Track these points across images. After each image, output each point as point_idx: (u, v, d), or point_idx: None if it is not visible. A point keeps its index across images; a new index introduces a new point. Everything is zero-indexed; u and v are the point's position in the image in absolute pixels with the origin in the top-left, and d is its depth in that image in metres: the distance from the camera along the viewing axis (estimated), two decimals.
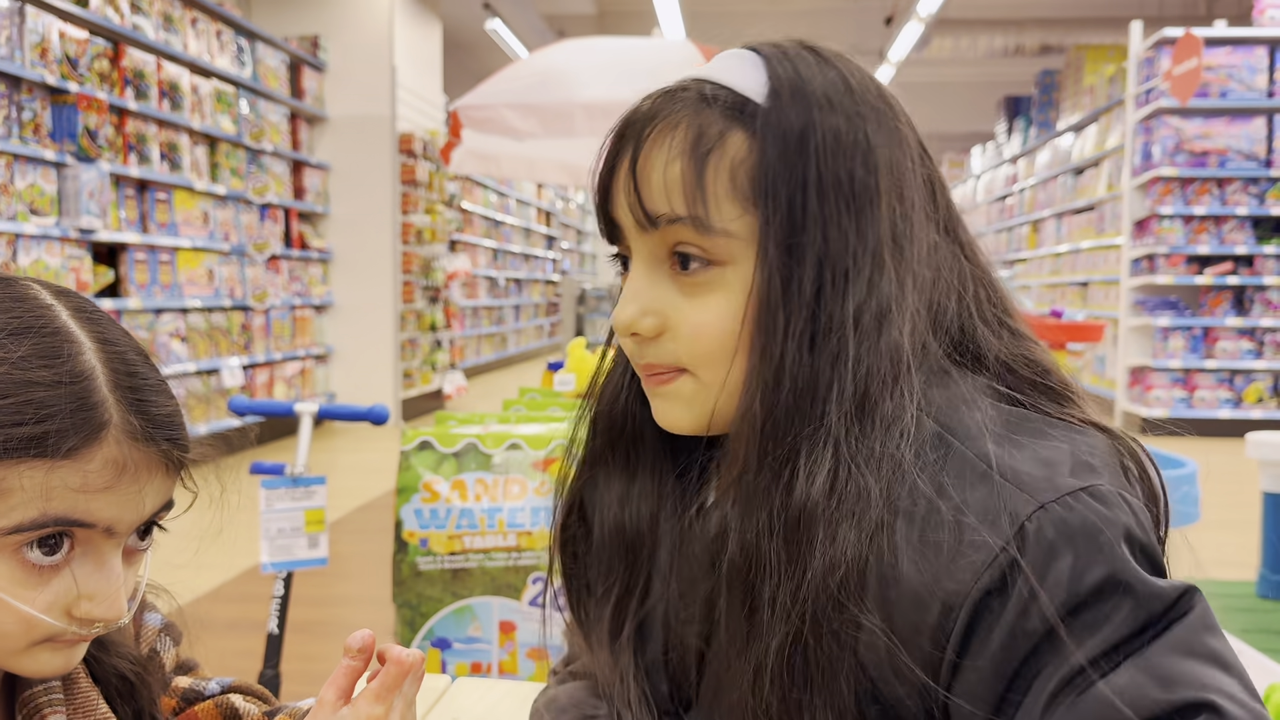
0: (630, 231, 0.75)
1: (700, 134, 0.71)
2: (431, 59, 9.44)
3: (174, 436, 0.69)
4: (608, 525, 0.84)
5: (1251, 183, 7.56)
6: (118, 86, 5.60)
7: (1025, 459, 0.66)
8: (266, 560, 2.27)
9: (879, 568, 0.65)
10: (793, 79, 0.72)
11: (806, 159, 0.70)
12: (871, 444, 0.67)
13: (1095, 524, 0.62)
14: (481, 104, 3.64)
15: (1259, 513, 3.85)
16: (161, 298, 5.94)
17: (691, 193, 0.70)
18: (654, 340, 0.74)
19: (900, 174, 0.73)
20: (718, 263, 0.71)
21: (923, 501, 0.66)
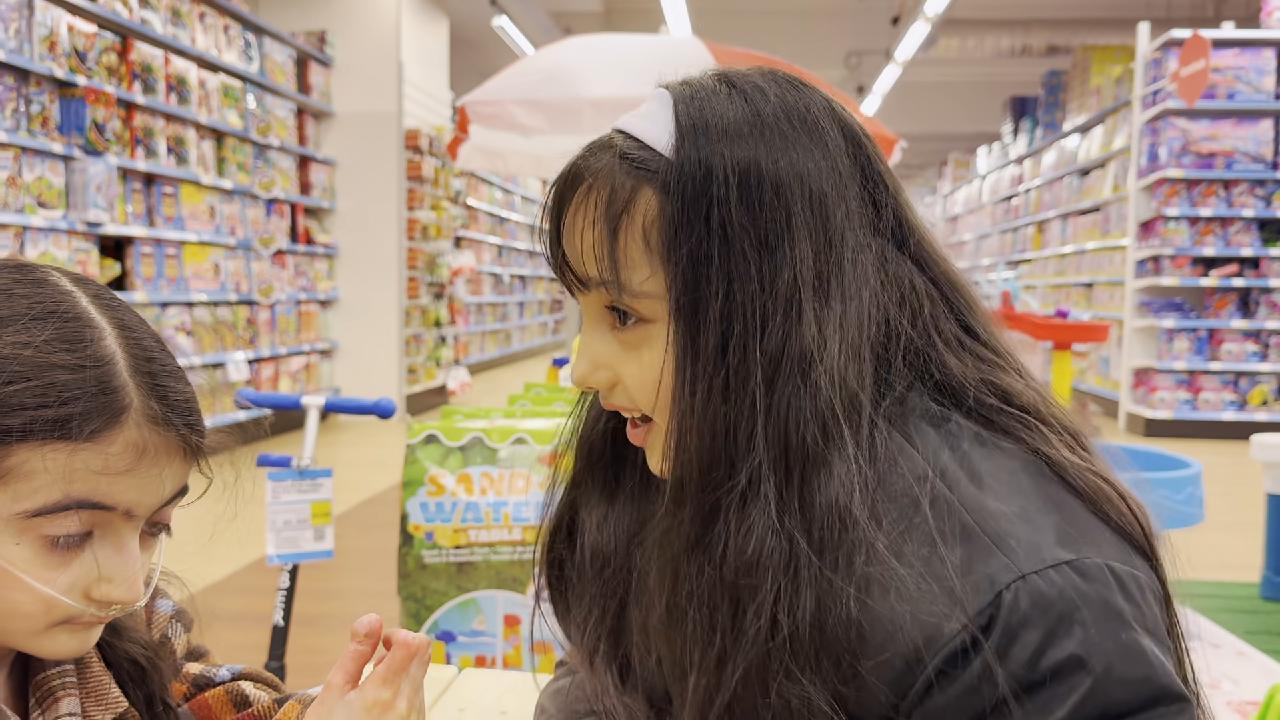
0: (576, 289, 0.76)
1: (612, 196, 0.70)
2: (438, 55, 9.45)
3: (192, 422, 0.70)
4: (587, 548, 0.85)
5: (1258, 185, 7.55)
6: (126, 80, 5.61)
7: (1012, 518, 0.63)
8: (272, 552, 2.28)
9: (834, 622, 0.63)
10: (696, 120, 0.69)
11: (709, 207, 0.67)
12: (807, 499, 0.65)
13: (1072, 600, 0.59)
14: (489, 100, 3.65)
15: (1263, 515, 3.85)
16: (167, 291, 5.95)
17: (606, 258, 0.71)
18: (613, 390, 0.76)
19: (823, 201, 0.68)
20: (646, 319, 0.72)
21: (885, 553, 0.63)
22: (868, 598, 0.63)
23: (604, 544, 0.84)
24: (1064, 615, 0.59)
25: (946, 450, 0.67)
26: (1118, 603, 0.60)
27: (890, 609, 0.62)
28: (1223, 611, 3.56)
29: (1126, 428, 7.98)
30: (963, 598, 0.60)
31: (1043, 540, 0.62)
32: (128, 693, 0.77)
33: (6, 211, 4.65)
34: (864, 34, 12.95)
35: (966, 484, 0.65)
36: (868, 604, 0.63)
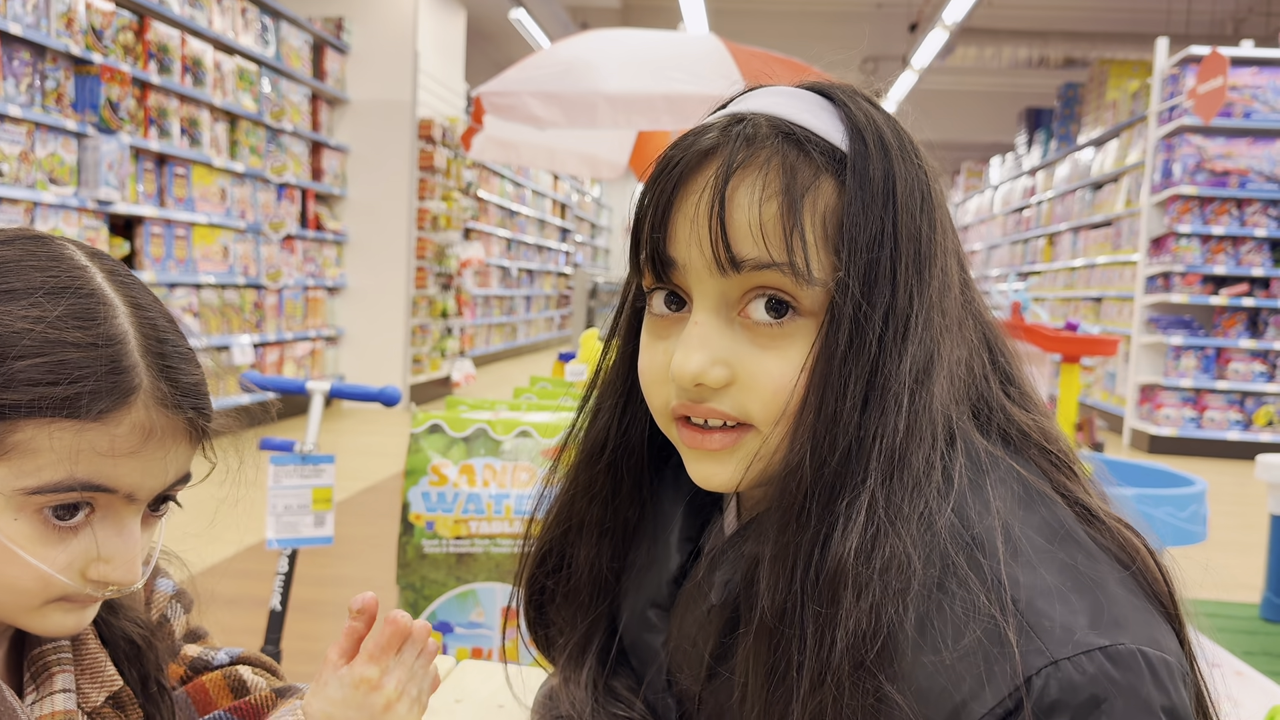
0: (698, 273, 0.70)
1: (794, 174, 0.67)
2: (454, 46, 9.44)
3: (200, 405, 0.69)
4: (581, 576, 0.85)
5: (1271, 205, 7.52)
6: (141, 59, 5.61)
7: (1048, 596, 0.62)
8: (272, 536, 2.27)
9: (899, 639, 0.63)
10: (873, 128, 0.70)
11: (888, 212, 0.68)
12: (902, 503, 0.65)
13: (1104, 692, 0.59)
14: (505, 91, 3.63)
15: (1264, 536, 3.83)
16: (176, 272, 5.95)
17: (790, 236, 0.67)
18: (719, 391, 0.70)
19: (946, 228, 0.72)
20: (805, 313, 0.68)
21: (939, 591, 0.63)
22: (921, 641, 0.62)
23: (598, 572, 0.84)
24: (1092, 705, 0.58)
25: (993, 503, 0.67)
26: (1148, 692, 0.59)
27: (931, 663, 0.62)
28: (1222, 631, 3.55)
29: (1130, 443, 7.96)
30: (993, 678, 0.59)
31: (1076, 623, 0.61)
32: (123, 671, 0.76)
33: (18, 187, 4.65)
34: (881, 40, 12.92)
35: (1006, 554, 0.64)
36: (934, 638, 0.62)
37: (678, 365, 0.69)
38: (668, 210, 0.70)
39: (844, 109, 0.71)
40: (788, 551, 0.66)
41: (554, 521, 0.87)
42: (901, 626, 0.62)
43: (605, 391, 0.84)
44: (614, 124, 3.59)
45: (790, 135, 0.69)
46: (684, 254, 0.70)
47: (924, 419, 0.67)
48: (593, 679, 0.84)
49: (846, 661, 0.62)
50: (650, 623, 0.82)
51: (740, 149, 0.68)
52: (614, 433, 0.82)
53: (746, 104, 0.73)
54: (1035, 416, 0.75)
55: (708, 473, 0.72)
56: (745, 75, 3.58)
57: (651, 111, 3.52)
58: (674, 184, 0.70)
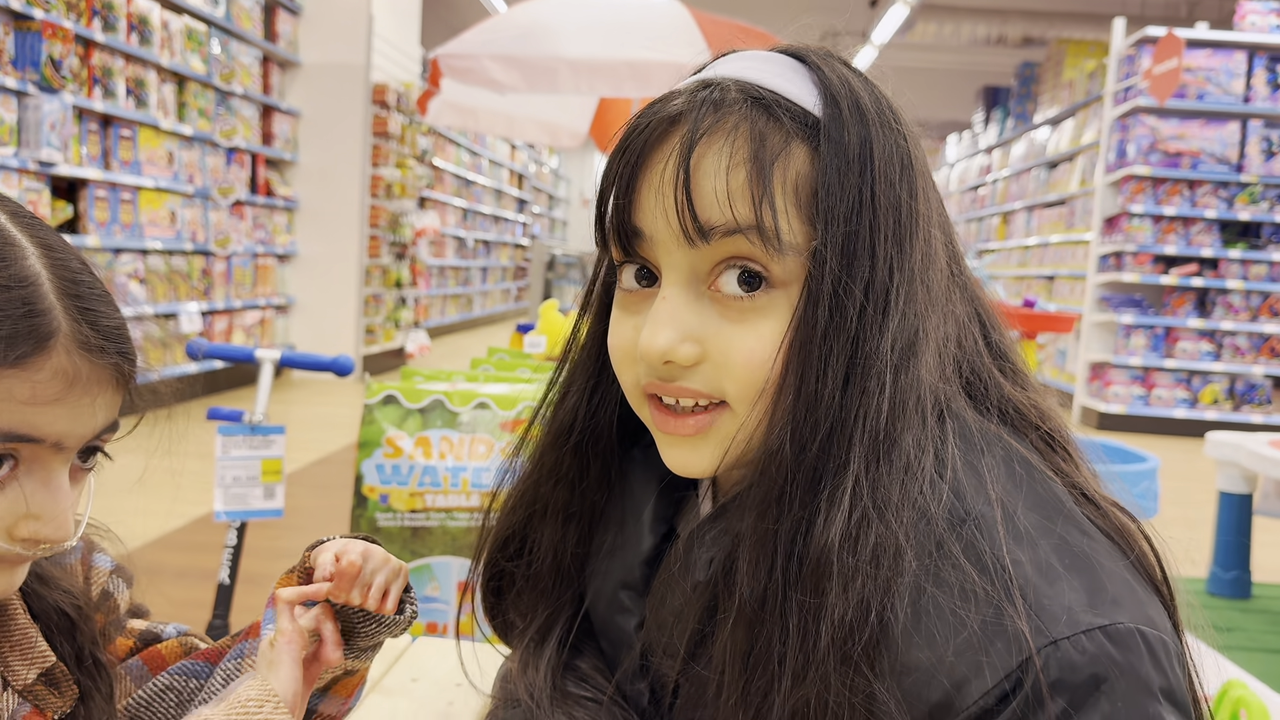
0: (665, 245, 0.67)
1: (762, 140, 0.65)
2: (409, 9, 9.26)
3: (124, 349, 0.64)
4: (544, 561, 0.83)
5: (1222, 186, 7.63)
6: (85, 16, 5.42)
7: (1048, 575, 0.60)
8: (220, 509, 2.21)
9: (891, 630, 0.60)
10: (848, 93, 0.67)
11: (864, 179, 0.65)
12: (890, 488, 0.62)
13: (1104, 671, 0.57)
14: (463, 53, 3.55)
15: (1210, 512, 3.90)
16: (121, 237, 5.79)
17: (759, 201, 0.64)
18: (690, 369, 0.67)
19: (928, 198, 0.69)
20: (778, 284, 0.65)
21: (934, 574, 0.61)
22: (915, 630, 0.60)
23: (564, 557, 0.82)
24: (1092, 685, 0.57)
25: (989, 482, 0.64)
26: (1146, 672, 0.58)
27: (926, 651, 0.60)
28: None
29: (1080, 420, 8.08)
30: (991, 659, 0.58)
31: (1075, 602, 0.59)
32: (55, 646, 0.72)
33: None
34: (842, 11, 12.88)
35: (1004, 535, 0.62)
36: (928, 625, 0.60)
37: (645, 342, 0.66)
38: (633, 180, 0.67)
39: (818, 72, 0.68)
40: (769, 538, 0.63)
41: (516, 505, 0.85)
42: (894, 618, 0.60)
43: (575, 371, 0.81)
44: (575, 89, 3.52)
45: (759, 100, 0.66)
46: (650, 225, 0.67)
47: (910, 398, 0.64)
48: (552, 667, 0.82)
49: (832, 655, 0.59)
50: (622, 605, 0.80)
51: (706, 115, 0.65)
52: (582, 414, 0.80)
53: (717, 69, 0.70)
54: (1030, 394, 0.73)
55: (682, 459, 0.70)
56: (710, 43, 3.53)
57: (614, 78, 3.46)
58: (639, 153, 0.67)
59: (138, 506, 0.83)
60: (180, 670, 0.80)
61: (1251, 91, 7.53)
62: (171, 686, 0.80)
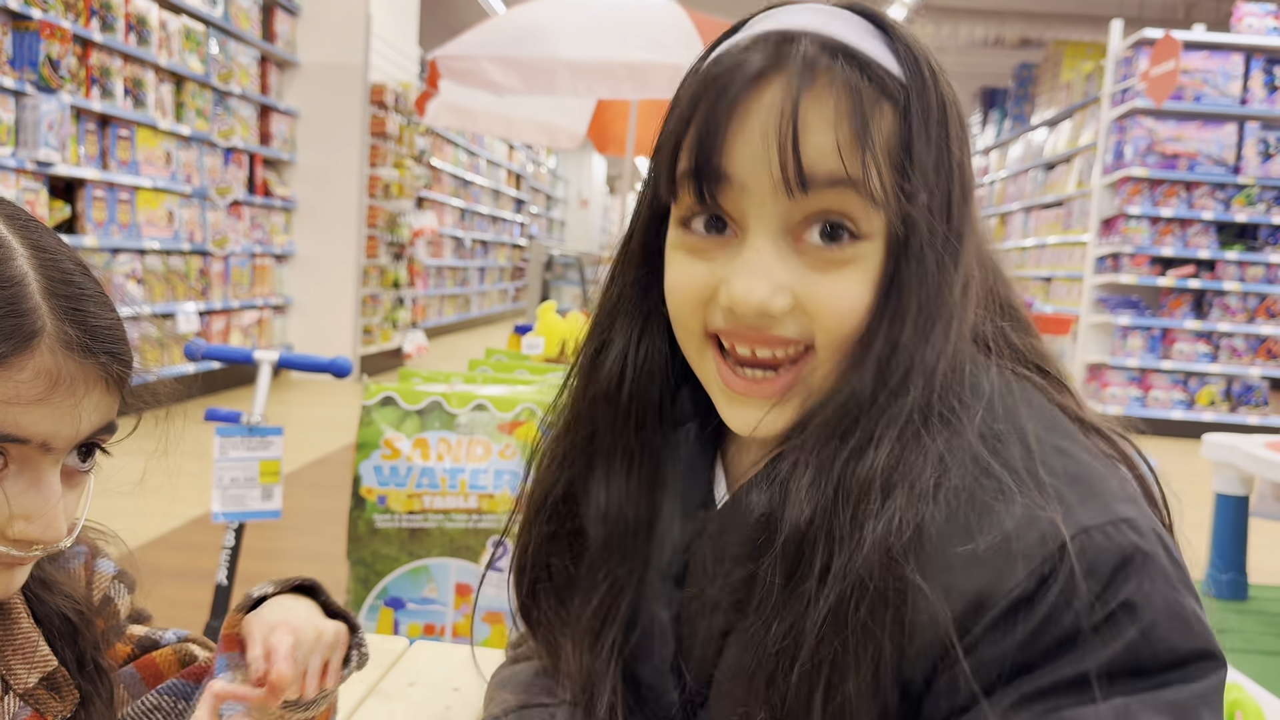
0: (760, 196, 0.67)
1: (860, 97, 0.67)
2: (408, 9, 9.25)
3: (114, 350, 0.64)
4: (606, 518, 0.78)
5: (1219, 188, 7.64)
6: (83, 16, 5.42)
7: (1073, 476, 0.65)
8: (218, 510, 2.21)
9: (929, 530, 0.64)
10: (923, 56, 0.70)
11: (943, 140, 0.69)
12: (938, 413, 0.67)
13: (1130, 554, 0.62)
14: (462, 55, 3.55)
15: (1206, 513, 3.91)
16: (119, 237, 5.79)
17: (863, 158, 0.66)
18: (779, 317, 0.69)
19: (972, 161, 0.74)
20: (864, 237, 0.68)
21: (971, 483, 0.65)
22: (953, 529, 0.64)
23: (628, 514, 0.78)
24: (1121, 567, 0.61)
25: (1019, 405, 0.70)
26: (1165, 563, 0.63)
27: (963, 547, 0.63)
28: None
29: None
30: (1027, 549, 0.62)
31: (1100, 499, 0.64)
32: (58, 650, 0.72)
33: None
34: None
35: (1035, 443, 0.67)
36: (962, 530, 0.64)
37: (742, 293, 0.67)
38: (724, 127, 0.67)
39: (893, 34, 0.70)
40: (825, 466, 0.66)
41: (568, 459, 0.81)
42: (933, 519, 0.64)
43: (615, 321, 0.79)
44: (574, 91, 3.52)
45: (851, 57, 0.67)
46: (745, 172, 0.67)
47: (964, 339, 0.70)
48: (618, 651, 0.77)
49: (875, 554, 0.63)
50: (661, 597, 0.77)
51: (804, 69, 0.66)
52: (632, 360, 0.78)
53: (786, 21, 0.70)
54: (1033, 340, 0.78)
55: (751, 419, 0.71)
56: (707, 44, 3.54)
57: (612, 80, 3.46)
58: (731, 101, 0.67)
59: (135, 507, 0.82)
60: (169, 690, 0.79)
61: (1248, 93, 7.54)
62: (159, 706, 0.80)
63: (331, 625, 0.77)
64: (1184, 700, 0.60)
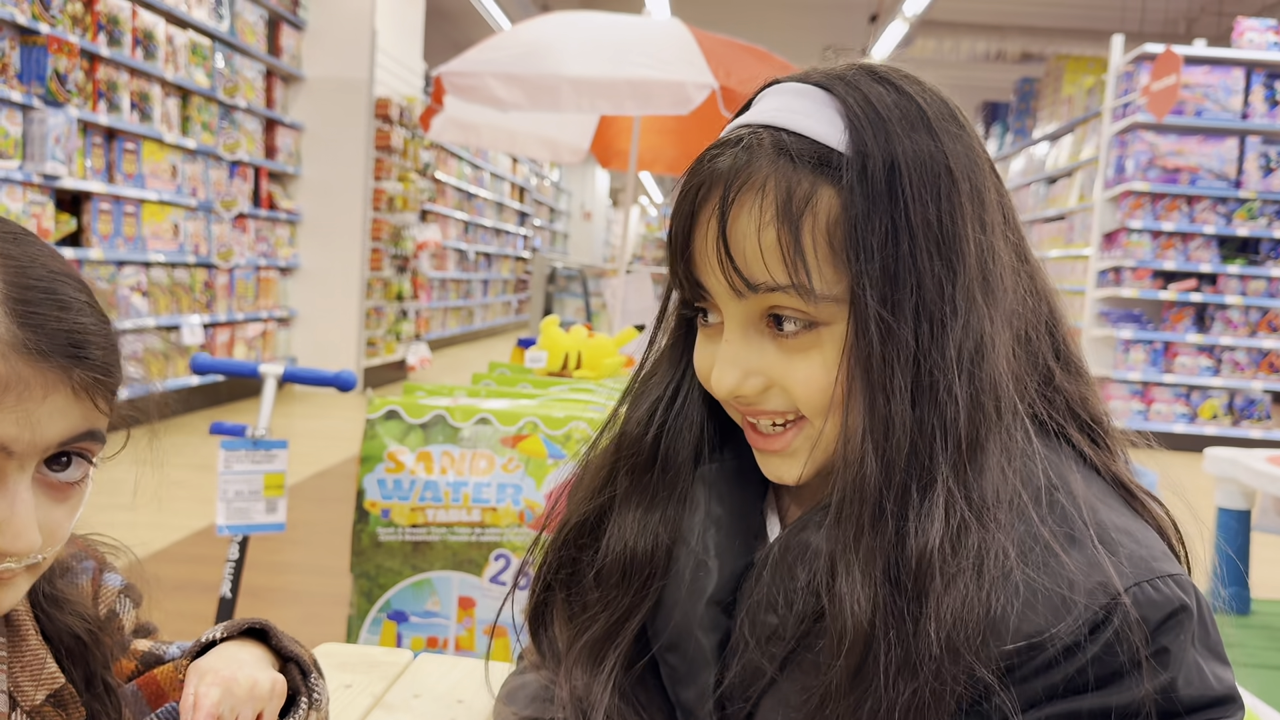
0: (721, 296, 0.72)
1: (789, 195, 0.68)
2: (413, 25, 9.31)
3: (77, 354, 0.63)
4: (623, 547, 0.81)
5: (1220, 202, 7.66)
6: (90, 31, 5.46)
7: (1124, 533, 0.69)
8: (222, 522, 2.23)
9: (996, 614, 0.65)
10: (870, 115, 0.69)
11: (895, 204, 0.67)
12: (984, 488, 0.67)
13: (1176, 610, 0.65)
14: (466, 71, 3.58)
15: (1210, 528, 3.90)
16: (124, 250, 5.82)
17: (792, 261, 0.68)
18: (762, 394, 0.73)
19: (981, 198, 0.71)
20: (820, 323, 0.70)
21: (1031, 546, 0.67)
22: (1004, 590, 0.66)
23: (642, 547, 0.81)
24: (1168, 619, 0.65)
25: (1067, 467, 0.71)
26: (1205, 616, 0.67)
27: (1019, 604, 0.65)
28: None
29: None
30: (1080, 598, 0.65)
31: (1149, 554, 0.67)
32: (66, 668, 0.72)
33: None
34: (842, 29, 12.96)
35: (1084, 505, 0.69)
36: (1017, 586, 0.66)
37: (715, 383, 0.74)
38: (689, 238, 0.73)
39: (842, 101, 0.70)
40: (870, 554, 0.67)
41: (594, 491, 0.85)
42: (1004, 610, 0.65)
43: (654, 378, 0.85)
44: (577, 108, 3.55)
45: (784, 150, 0.69)
46: (705, 279, 0.73)
47: (988, 399, 0.68)
48: (616, 677, 0.80)
49: (944, 650, 0.64)
50: (707, 621, 0.78)
51: (739, 172, 0.69)
52: (662, 410, 0.83)
53: (756, 109, 0.75)
54: (1083, 388, 0.77)
55: (776, 470, 0.76)
56: (710, 62, 3.56)
57: (615, 96, 3.49)
58: (691, 212, 0.72)
59: (141, 520, 0.83)
60: (166, 714, 0.79)
61: (1249, 108, 7.57)
62: None
63: (269, 677, 0.77)
64: None
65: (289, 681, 0.80)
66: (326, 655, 1.18)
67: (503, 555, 2.13)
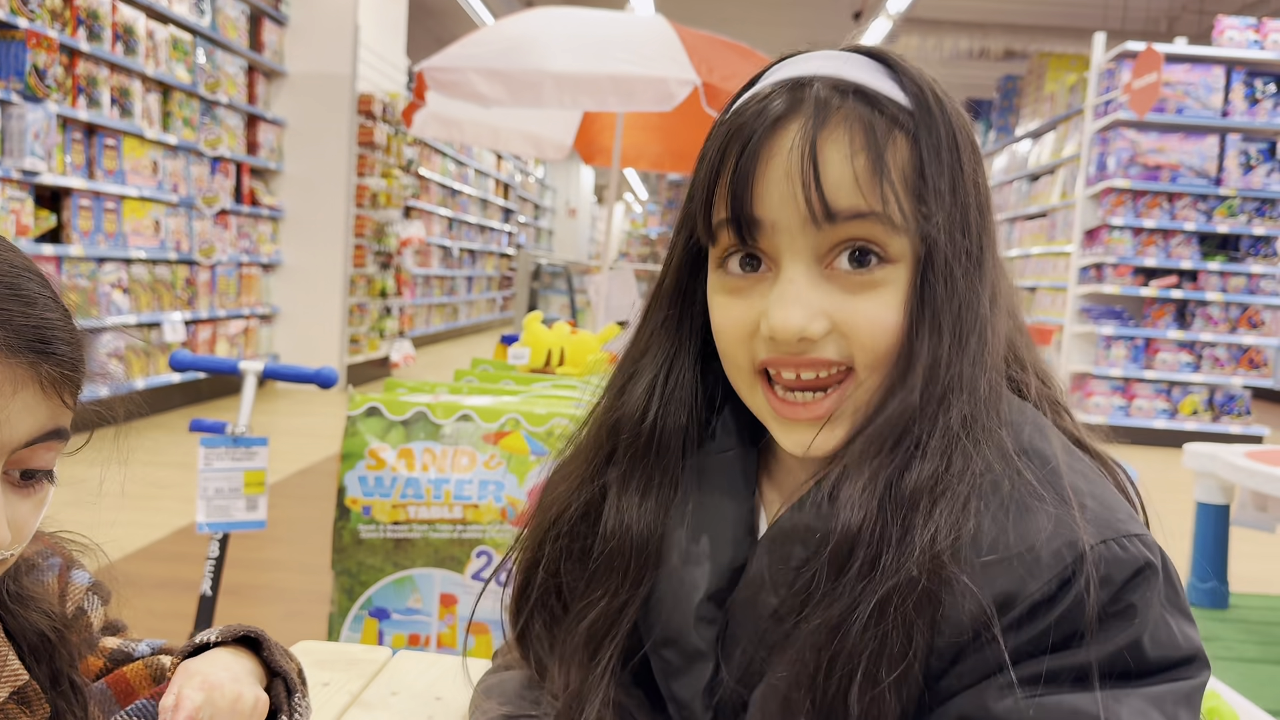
0: (789, 231, 0.72)
1: (874, 131, 0.71)
2: (396, 20, 9.27)
3: (43, 349, 0.63)
4: (625, 530, 0.80)
5: (1200, 199, 7.71)
6: (70, 26, 5.42)
7: (1091, 494, 0.70)
8: (202, 520, 2.22)
9: (972, 535, 0.68)
10: (928, 86, 0.74)
11: (955, 162, 0.73)
12: (976, 425, 0.70)
13: (1142, 567, 0.67)
14: (449, 67, 3.56)
15: (1188, 522, 3.94)
16: (105, 246, 5.78)
17: (881, 187, 0.70)
18: (818, 341, 0.72)
19: (989, 183, 0.78)
20: (891, 260, 0.72)
21: (1008, 496, 0.69)
22: (991, 535, 0.68)
23: (638, 532, 0.80)
24: (1133, 577, 0.67)
25: (1039, 420, 0.75)
26: (1162, 580, 0.68)
27: (998, 551, 0.68)
28: None
29: None
30: (1055, 554, 0.66)
31: (1115, 516, 0.69)
32: (30, 666, 0.72)
33: None
34: (826, 26, 12.98)
35: (1058, 458, 0.71)
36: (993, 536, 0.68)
37: (780, 321, 0.71)
38: (751, 173, 0.72)
39: (897, 69, 0.75)
40: (875, 475, 0.70)
41: (586, 479, 0.83)
42: (974, 527, 0.68)
43: (647, 356, 0.83)
44: (559, 104, 3.54)
45: (861, 93, 0.72)
46: (773, 213, 0.72)
47: (996, 350, 0.73)
48: (613, 671, 0.79)
49: (924, 558, 0.66)
50: (704, 615, 0.78)
51: (818, 109, 0.71)
52: (658, 393, 0.82)
53: (799, 69, 0.75)
54: (1037, 357, 0.81)
55: (802, 440, 0.74)
56: (694, 59, 3.55)
57: (597, 92, 3.48)
58: (755, 149, 0.72)
59: (120, 518, 0.82)
60: (138, 711, 0.79)
61: (1229, 106, 7.61)
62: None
63: (253, 694, 0.76)
64: (1164, 695, 0.65)
65: (273, 698, 0.79)
66: (305, 653, 1.17)
67: (485, 552, 2.12)
